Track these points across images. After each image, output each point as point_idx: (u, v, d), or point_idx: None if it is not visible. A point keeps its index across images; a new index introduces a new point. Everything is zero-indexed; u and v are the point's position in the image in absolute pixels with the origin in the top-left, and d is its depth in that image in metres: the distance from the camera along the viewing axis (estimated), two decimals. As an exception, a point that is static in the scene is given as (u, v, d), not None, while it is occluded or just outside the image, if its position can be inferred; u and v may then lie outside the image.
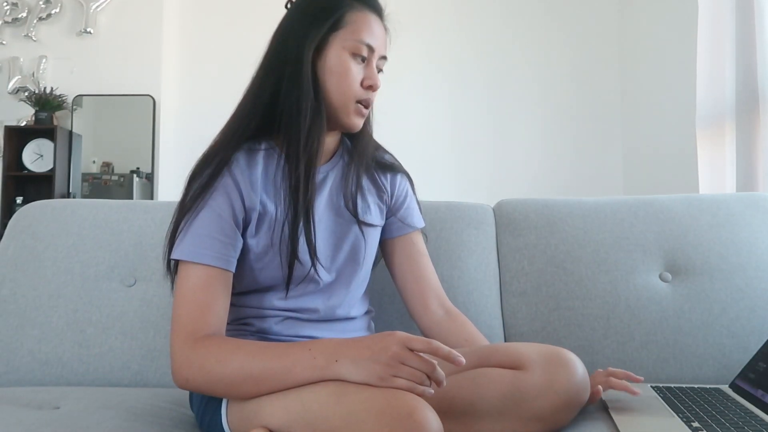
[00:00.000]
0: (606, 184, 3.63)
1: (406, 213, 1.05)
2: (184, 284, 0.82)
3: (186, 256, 0.83)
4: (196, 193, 0.85)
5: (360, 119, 0.92)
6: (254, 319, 0.91)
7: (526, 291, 1.23)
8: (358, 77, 0.89)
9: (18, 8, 3.73)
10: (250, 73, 0.96)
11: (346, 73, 0.88)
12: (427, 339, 0.70)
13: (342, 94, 0.88)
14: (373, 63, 0.90)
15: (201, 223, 0.84)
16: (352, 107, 0.90)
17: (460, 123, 3.80)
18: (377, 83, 0.90)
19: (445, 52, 3.79)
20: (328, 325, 0.95)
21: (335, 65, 0.87)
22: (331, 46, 0.88)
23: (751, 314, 1.16)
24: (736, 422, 0.79)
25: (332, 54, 0.88)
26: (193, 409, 0.92)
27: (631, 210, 1.27)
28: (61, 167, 3.64)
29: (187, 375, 0.78)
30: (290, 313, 0.91)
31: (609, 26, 3.75)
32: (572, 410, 0.81)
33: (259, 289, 0.91)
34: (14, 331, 1.17)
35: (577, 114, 3.75)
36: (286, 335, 0.91)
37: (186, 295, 0.82)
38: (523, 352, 0.82)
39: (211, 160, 0.87)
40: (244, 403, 0.79)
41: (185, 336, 0.79)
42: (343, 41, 0.87)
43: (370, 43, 0.88)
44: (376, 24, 0.91)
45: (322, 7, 0.89)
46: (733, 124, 1.89)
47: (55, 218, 1.26)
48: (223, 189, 0.85)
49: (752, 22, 1.80)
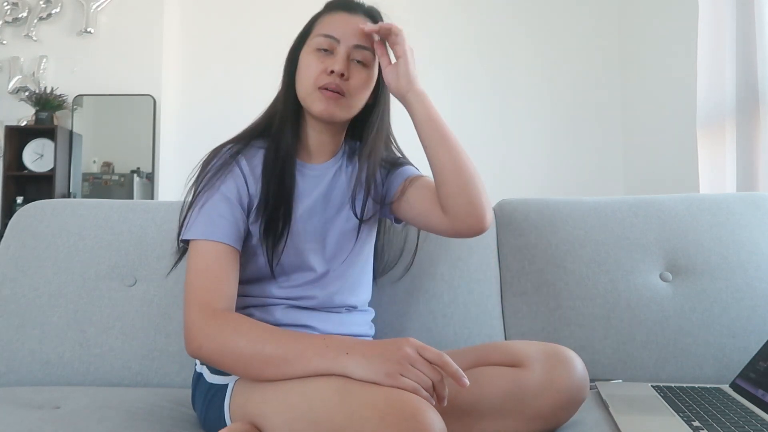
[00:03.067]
0: (606, 184, 3.63)
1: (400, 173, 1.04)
2: (198, 259, 0.87)
3: (199, 235, 0.88)
4: (207, 179, 0.92)
5: (322, 103, 0.93)
6: (255, 309, 0.94)
7: (526, 290, 1.23)
8: (318, 67, 0.94)
9: (18, 8, 3.73)
10: (251, 72, 1.00)
11: (307, 66, 0.95)
12: (440, 352, 0.71)
13: (304, 86, 0.95)
14: (338, 51, 0.94)
15: (212, 205, 0.90)
16: (316, 95, 0.94)
17: (460, 123, 3.78)
18: (339, 67, 0.92)
19: (446, 53, 3.79)
20: (327, 315, 0.97)
21: (301, 65, 0.96)
22: (302, 54, 0.97)
23: (751, 314, 1.16)
24: (737, 422, 0.79)
25: (301, 58, 0.97)
26: (196, 408, 0.92)
27: (632, 210, 1.27)
28: (61, 167, 3.64)
29: (201, 343, 0.80)
30: (290, 301, 0.95)
31: (609, 26, 3.75)
32: (572, 408, 0.81)
33: (261, 278, 0.96)
34: (15, 330, 1.17)
35: (577, 114, 3.74)
36: (286, 323, 0.92)
37: (200, 269, 0.86)
38: (523, 350, 0.82)
39: (222, 151, 0.96)
40: (248, 400, 0.79)
41: (201, 306, 0.83)
42: (309, 44, 0.96)
43: (330, 33, 0.94)
44: (341, 18, 0.96)
45: (302, 31, 1.00)
46: (734, 123, 1.89)
47: (55, 218, 1.26)
48: (231, 176, 0.92)
49: (752, 21, 1.80)
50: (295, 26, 1.03)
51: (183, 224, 0.91)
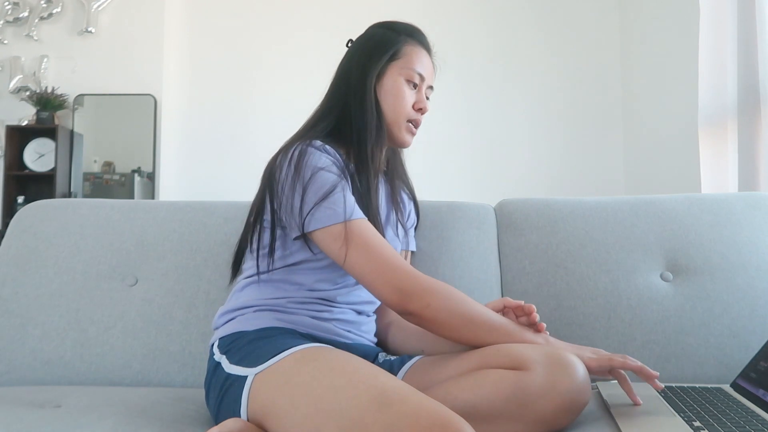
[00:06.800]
0: (607, 184, 3.63)
1: (408, 236, 1.19)
2: (370, 234, 0.92)
3: (350, 216, 0.91)
4: (301, 162, 0.94)
5: (410, 136, 1.08)
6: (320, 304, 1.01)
7: (527, 291, 1.23)
8: (410, 100, 1.05)
9: (19, 8, 3.74)
10: (252, 72, 1.01)
11: (401, 95, 1.04)
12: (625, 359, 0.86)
13: (396, 113, 1.04)
14: (422, 90, 1.07)
15: (341, 189, 0.93)
16: (404, 125, 1.05)
17: (461, 123, 3.80)
18: (426, 107, 1.06)
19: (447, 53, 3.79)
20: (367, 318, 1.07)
21: (392, 89, 1.04)
22: (389, 73, 1.04)
23: (752, 314, 1.16)
24: (738, 422, 0.79)
25: (389, 80, 1.04)
26: (209, 399, 0.91)
27: (633, 210, 1.27)
28: (62, 167, 3.64)
29: (430, 302, 0.87)
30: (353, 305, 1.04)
31: (610, 26, 3.75)
32: (574, 411, 0.81)
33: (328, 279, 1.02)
34: (16, 330, 1.17)
35: (578, 114, 3.74)
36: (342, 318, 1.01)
37: (379, 241, 0.91)
38: (525, 353, 0.82)
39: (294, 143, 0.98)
40: (273, 399, 0.78)
41: (410, 269, 0.90)
42: (399, 69, 1.04)
43: (421, 72, 1.05)
44: (426, 58, 1.08)
45: (381, 43, 1.05)
46: (735, 123, 1.89)
47: (56, 218, 1.27)
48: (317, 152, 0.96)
49: (754, 20, 1.80)
50: (296, 26, 1.04)
51: (305, 212, 0.92)
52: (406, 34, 1.07)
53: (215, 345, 0.96)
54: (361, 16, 1.38)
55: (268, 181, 0.99)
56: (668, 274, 1.21)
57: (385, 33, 1.07)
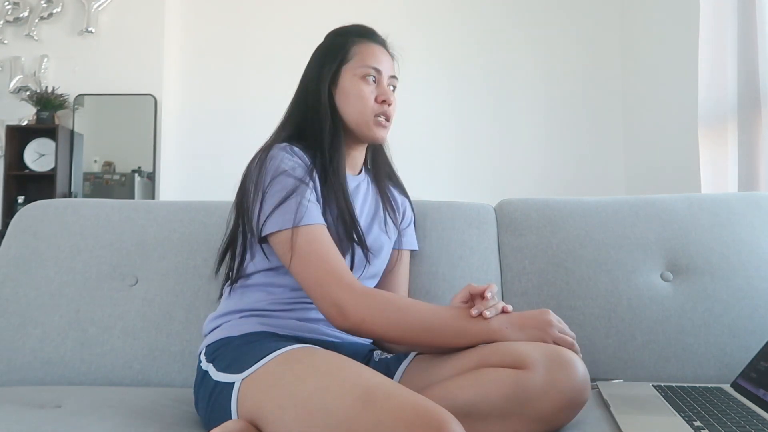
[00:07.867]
0: (607, 184, 3.63)
1: (405, 233, 1.18)
2: (316, 242, 0.92)
3: (300, 222, 0.91)
4: (265, 166, 0.96)
5: (382, 130, 1.06)
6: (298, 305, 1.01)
7: (527, 290, 1.23)
8: (371, 96, 1.04)
9: (19, 8, 3.74)
10: (252, 72, 1.02)
11: (360, 93, 1.04)
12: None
13: (360, 112, 1.04)
14: (383, 82, 1.06)
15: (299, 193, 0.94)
16: (372, 121, 1.04)
17: (461, 123, 3.80)
18: (390, 98, 1.05)
19: (447, 52, 3.79)
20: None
21: (350, 90, 1.04)
22: (344, 76, 1.05)
23: (752, 313, 1.15)
24: (738, 421, 0.79)
25: (346, 82, 1.05)
26: (198, 407, 0.91)
27: (633, 210, 1.27)
28: (62, 167, 3.64)
29: (365, 316, 0.87)
30: None
31: (611, 25, 3.74)
32: (574, 410, 0.81)
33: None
34: (16, 330, 1.17)
35: (578, 113, 3.74)
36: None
37: (321, 250, 0.91)
38: (525, 351, 0.82)
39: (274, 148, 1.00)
40: (261, 403, 0.78)
41: (348, 282, 0.89)
42: (354, 70, 1.05)
43: (375, 66, 1.05)
44: (379, 51, 1.08)
45: (331, 49, 1.08)
46: (735, 123, 1.88)
47: (56, 218, 1.27)
48: (283, 153, 0.98)
49: (754, 20, 1.80)
50: (296, 26, 1.05)
51: (262, 217, 0.93)
52: (354, 35, 1.09)
53: (203, 353, 0.96)
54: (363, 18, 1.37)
55: (240, 186, 1.02)
56: (668, 274, 1.21)
57: (335, 39, 1.10)
